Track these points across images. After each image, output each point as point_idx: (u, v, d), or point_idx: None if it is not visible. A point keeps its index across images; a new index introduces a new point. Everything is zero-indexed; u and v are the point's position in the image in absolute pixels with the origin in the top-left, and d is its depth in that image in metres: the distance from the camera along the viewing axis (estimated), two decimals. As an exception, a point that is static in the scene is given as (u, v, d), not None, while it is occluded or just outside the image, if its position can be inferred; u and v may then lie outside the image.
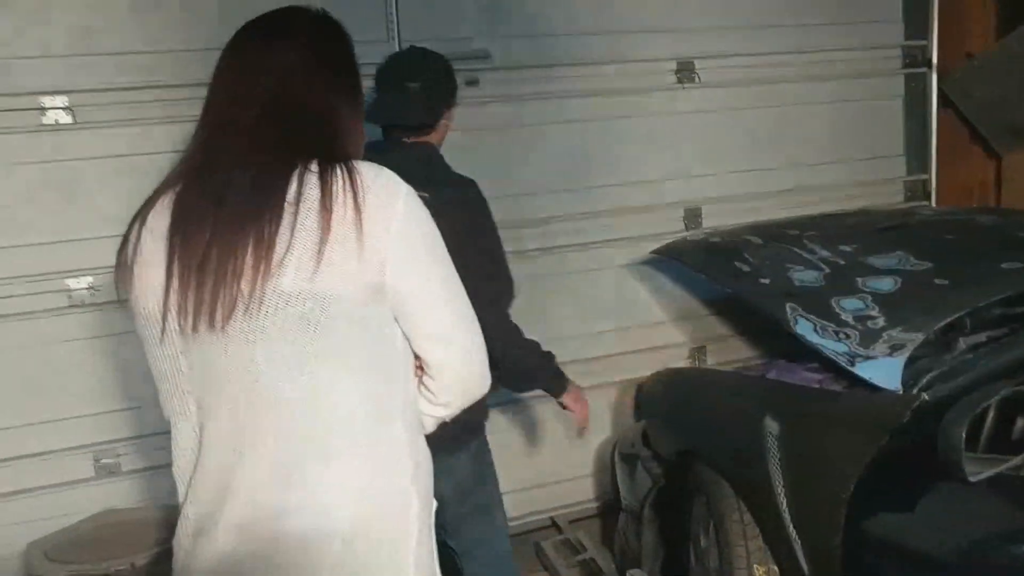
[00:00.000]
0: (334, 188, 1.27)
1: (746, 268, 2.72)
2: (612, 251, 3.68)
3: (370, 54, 2.59)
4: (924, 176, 4.30)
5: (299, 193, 1.27)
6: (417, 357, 1.39)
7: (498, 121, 3.49)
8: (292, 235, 1.25)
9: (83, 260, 3.02)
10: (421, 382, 1.42)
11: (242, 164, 1.29)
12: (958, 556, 1.72)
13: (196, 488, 1.34)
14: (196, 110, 1.42)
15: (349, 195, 1.27)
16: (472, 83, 3.43)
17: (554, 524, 3.78)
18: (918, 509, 1.85)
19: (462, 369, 1.41)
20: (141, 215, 1.36)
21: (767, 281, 2.61)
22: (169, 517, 2.70)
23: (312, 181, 1.28)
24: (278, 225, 1.25)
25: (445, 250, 1.39)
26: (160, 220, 1.32)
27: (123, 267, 1.35)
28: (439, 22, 3.37)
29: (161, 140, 2.95)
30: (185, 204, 1.31)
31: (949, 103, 4.39)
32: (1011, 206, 4.48)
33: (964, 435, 1.54)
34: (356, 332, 1.30)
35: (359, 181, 1.29)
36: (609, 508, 3.61)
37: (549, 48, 3.49)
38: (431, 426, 1.46)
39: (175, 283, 1.28)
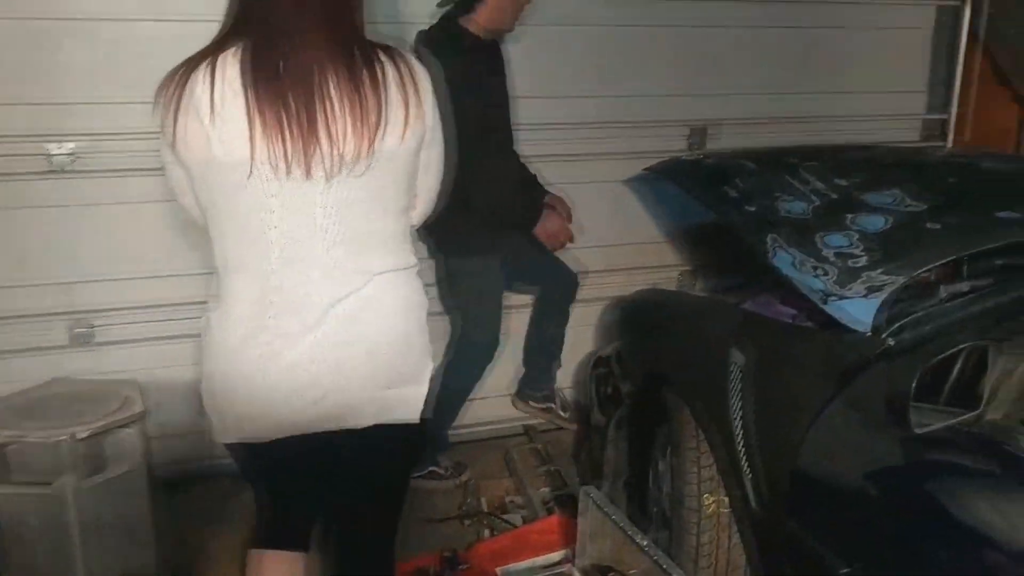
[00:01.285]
0: (401, 71, 1.61)
1: (734, 193, 2.63)
2: (608, 166, 3.59)
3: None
4: (944, 116, 4.15)
5: (378, 73, 1.58)
6: None
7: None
8: (383, 107, 1.57)
9: (66, 125, 2.98)
10: None
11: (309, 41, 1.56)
12: (898, 505, 1.69)
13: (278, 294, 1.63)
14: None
15: (408, 78, 1.61)
16: None
17: (526, 433, 3.80)
18: (868, 455, 1.82)
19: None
20: (210, 66, 1.55)
21: (753, 208, 2.53)
22: (124, 391, 2.71)
23: (382, 62, 1.59)
24: (372, 98, 1.57)
25: None
26: (233, 72, 1.54)
27: (189, 115, 1.56)
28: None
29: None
30: (259, 64, 1.54)
31: (979, 42, 4.21)
32: (1029, 155, 4.35)
33: (913, 384, 1.49)
34: (410, 178, 1.69)
35: (412, 66, 1.64)
36: (583, 421, 3.62)
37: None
38: None
39: (274, 133, 1.54)
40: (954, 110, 4.13)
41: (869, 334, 1.97)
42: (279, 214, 1.58)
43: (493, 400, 3.61)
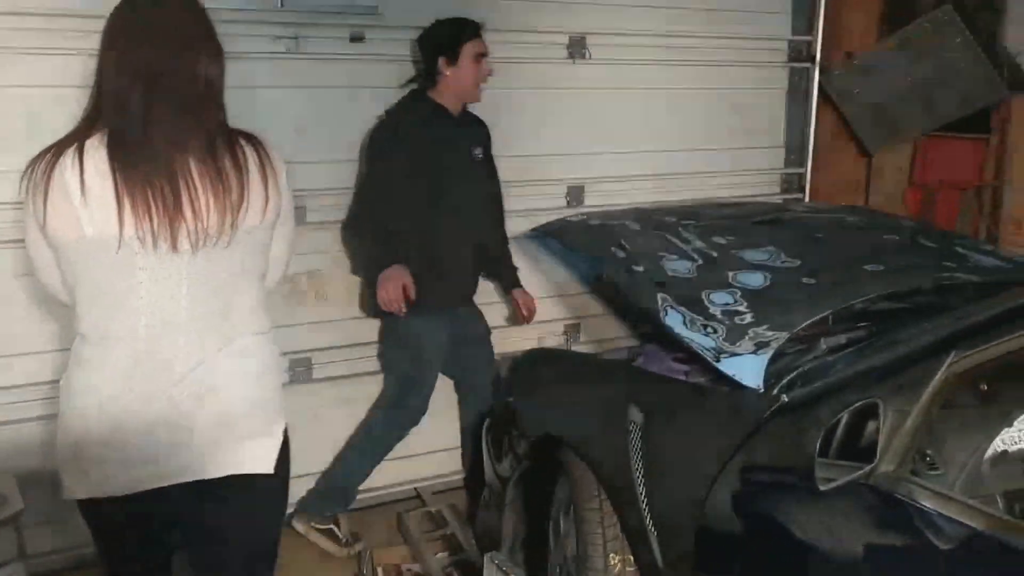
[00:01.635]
0: (261, 155, 1.76)
1: (622, 254, 2.71)
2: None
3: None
4: (801, 170, 4.40)
5: (239, 157, 1.72)
6: None
7: (381, 80, 3.37)
8: (245, 188, 1.71)
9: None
10: None
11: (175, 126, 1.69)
12: (803, 560, 1.76)
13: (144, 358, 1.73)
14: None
15: (267, 162, 1.77)
16: (357, 39, 3.31)
17: (418, 496, 3.75)
18: (772, 512, 1.88)
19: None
20: (78, 151, 1.65)
21: (640, 269, 2.61)
22: None
23: (243, 147, 1.74)
24: (234, 179, 1.71)
25: None
26: (99, 155, 1.65)
27: (59, 196, 1.65)
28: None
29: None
30: (123, 149, 1.66)
31: (829, 100, 4.51)
32: (878, 204, 4.67)
33: (819, 444, 1.56)
34: (266, 249, 1.83)
35: (270, 152, 1.79)
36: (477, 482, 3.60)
37: (441, 9, 3.38)
38: None
39: (142, 211, 1.64)
40: (809, 164, 4.39)
41: (762, 390, 2.06)
42: (146, 285, 1.69)
43: (382, 464, 3.54)
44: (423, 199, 3.15)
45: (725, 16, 4.04)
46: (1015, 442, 1.84)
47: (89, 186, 1.63)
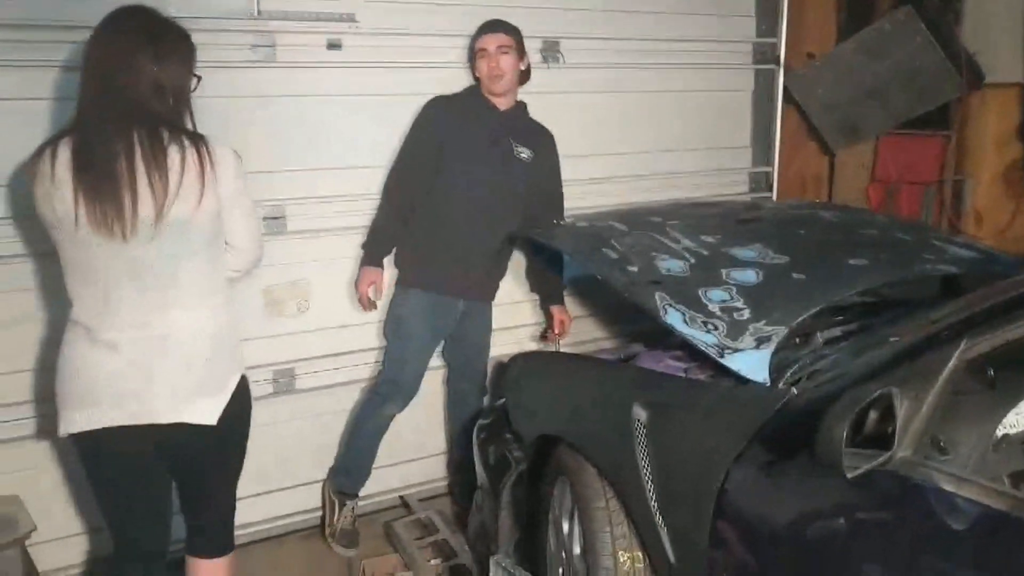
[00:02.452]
0: (201, 153, 2.07)
1: (613, 255, 2.74)
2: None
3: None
4: (767, 168, 4.48)
5: (178, 156, 2.05)
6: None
7: (359, 87, 3.37)
8: (180, 183, 2.05)
9: None
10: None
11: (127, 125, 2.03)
12: (822, 548, 1.79)
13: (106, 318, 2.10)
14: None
15: (207, 159, 2.08)
16: (335, 47, 3.30)
17: (404, 503, 3.74)
18: (782, 500, 1.92)
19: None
20: (52, 149, 2.04)
21: (635, 269, 2.64)
22: (5, 511, 2.54)
23: (183, 147, 2.06)
24: (172, 175, 2.04)
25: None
26: (65, 154, 2.02)
27: (40, 182, 2.04)
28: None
29: None
30: (81, 150, 2.02)
31: (792, 99, 4.60)
32: (842, 200, 4.78)
33: (845, 434, 1.59)
34: (212, 235, 2.16)
35: (212, 150, 2.10)
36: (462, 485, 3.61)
37: (418, 17, 3.38)
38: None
39: (91, 199, 2.00)
40: (776, 163, 4.48)
41: (768, 384, 2.10)
42: (103, 263, 2.06)
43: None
44: (441, 179, 3.25)
45: (693, 20, 4.12)
46: (1017, 425, 1.90)
47: (58, 172, 2.00)
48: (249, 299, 3.19)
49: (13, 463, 2.92)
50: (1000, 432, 1.91)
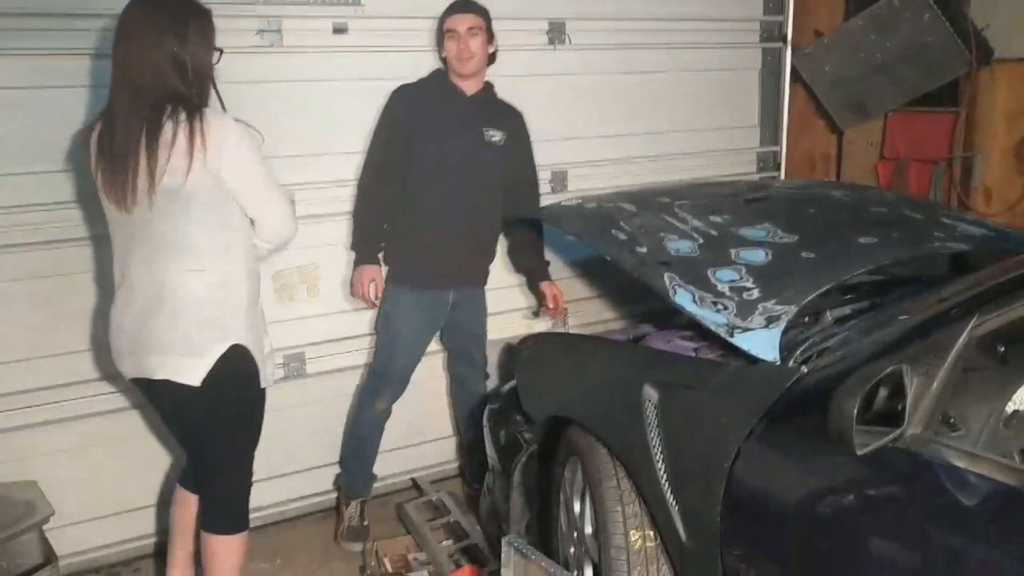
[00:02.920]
0: (194, 128, 2.19)
1: (622, 236, 2.73)
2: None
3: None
4: (775, 148, 4.47)
5: (170, 131, 2.19)
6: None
7: (364, 72, 3.37)
8: (169, 156, 2.19)
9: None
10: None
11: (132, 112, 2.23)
12: (834, 525, 1.80)
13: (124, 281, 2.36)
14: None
15: (198, 135, 2.19)
16: (340, 31, 3.30)
17: (415, 485, 3.76)
18: (801, 482, 1.93)
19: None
20: (92, 130, 2.33)
21: (644, 250, 2.63)
22: (23, 496, 2.62)
23: (177, 123, 2.19)
24: (162, 151, 2.19)
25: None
26: (95, 136, 2.31)
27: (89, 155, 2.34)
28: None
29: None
30: (102, 133, 2.28)
31: (800, 78, 4.58)
32: (850, 179, 4.76)
33: (855, 411, 1.60)
34: (210, 206, 2.29)
35: (207, 124, 2.21)
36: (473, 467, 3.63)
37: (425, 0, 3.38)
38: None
39: (106, 177, 2.27)
40: (784, 142, 4.47)
41: (779, 363, 2.11)
42: (119, 230, 2.32)
43: (378, 456, 3.54)
44: (413, 169, 3.22)
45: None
46: (1028, 401, 1.91)
47: (92, 152, 2.30)
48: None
49: (31, 449, 2.97)
50: (1011, 408, 1.93)
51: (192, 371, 2.28)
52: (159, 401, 2.46)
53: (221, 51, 2.37)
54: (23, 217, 2.87)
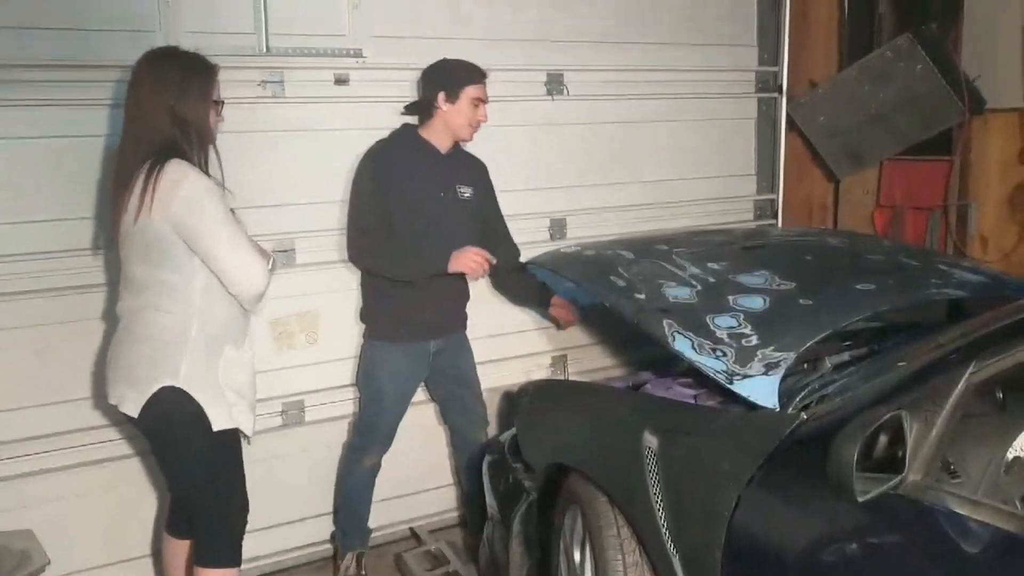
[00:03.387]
0: (152, 176, 2.33)
1: (621, 283, 2.75)
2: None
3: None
4: (772, 196, 4.51)
5: (137, 177, 2.35)
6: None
7: (366, 122, 3.41)
8: (129, 198, 2.36)
9: None
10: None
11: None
12: (834, 572, 1.79)
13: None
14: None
15: (153, 182, 2.32)
16: (342, 82, 3.34)
17: (414, 535, 3.73)
18: (801, 529, 1.92)
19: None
20: None
21: (643, 296, 2.65)
22: (19, 545, 2.62)
23: (143, 171, 2.34)
24: (127, 193, 2.37)
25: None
26: None
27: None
28: (308, 19, 3.28)
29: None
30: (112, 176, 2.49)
31: (795, 127, 4.63)
32: (848, 226, 4.79)
33: (855, 457, 1.60)
34: (164, 246, 2.39)
35: (163, 173, 2.33)
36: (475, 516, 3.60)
37: (425, 51, 3.43)
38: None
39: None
40: (781, 190, 4.50)
41: (778, 410, 2.11)
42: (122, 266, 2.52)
43: (376, 505, 3.52)
44: (400, 233, 3.18)
45: (696, 50, 4.17)
46: (1028, 448, 1.90)
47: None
48: (257, 331, 3.20)
49: (27, 497, 2.95)
50: (1012, 455, 1.92)
51: (132, 402, 2.42)
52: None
53: (222, 103, 2.50)
54: (24, 266, 2.88)
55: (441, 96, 3.18)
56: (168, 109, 2.37)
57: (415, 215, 3.18)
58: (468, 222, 3.32)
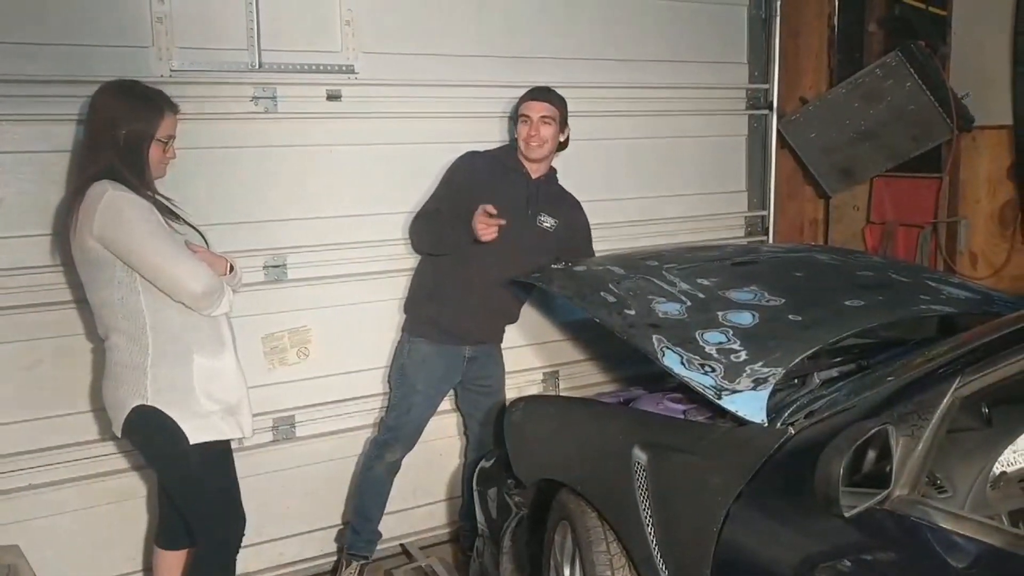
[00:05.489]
0: (86, 202, 2.40)
1: (611, 299, 2.76)
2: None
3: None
4: (763, 212, 4.53)
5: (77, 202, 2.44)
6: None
7: (358, 137, 3.42)
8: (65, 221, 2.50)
9: None
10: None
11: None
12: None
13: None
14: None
15: (85, 206, 2.40)
16: (334, 98, 3.36)
17: (405, 551, 3.71)
18: (781, 539, 1.92)
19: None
20: None
21: (632, 312, 2.66)
22: (5, 560, 2.60)
23: (82, 196, 2.42)
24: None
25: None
26: None
27: None
28: (301, 35, 3.29)
29: None
30: None
31: (786, 144, 4.66)
32: (838, 243, 4.80)
33: (841, 471, 1.61)
34: (99, 268, 2.45)
35: (93, 200, 2.39)
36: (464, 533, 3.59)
37: (416, 67, 3.44)
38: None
39: None
40: (772, 207, 4.52)
41: (766, 424, 2.11)
42: None
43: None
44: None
45: (687, 67, 4.19)
46: (1014, 463, 1.91)
47: None
48: (248, 347, 3.20)
49: (14, 513, 2.94)
50: (998, 469, 1.93)
51: (115, 424, 2.53)
52: None
53: (169, 140, 2.56)
54: (14, 280, 2.88)
55: (512, 116, 3.43)
56: (112, 140, 2.44)
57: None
58: (537, 247, 3.33)
